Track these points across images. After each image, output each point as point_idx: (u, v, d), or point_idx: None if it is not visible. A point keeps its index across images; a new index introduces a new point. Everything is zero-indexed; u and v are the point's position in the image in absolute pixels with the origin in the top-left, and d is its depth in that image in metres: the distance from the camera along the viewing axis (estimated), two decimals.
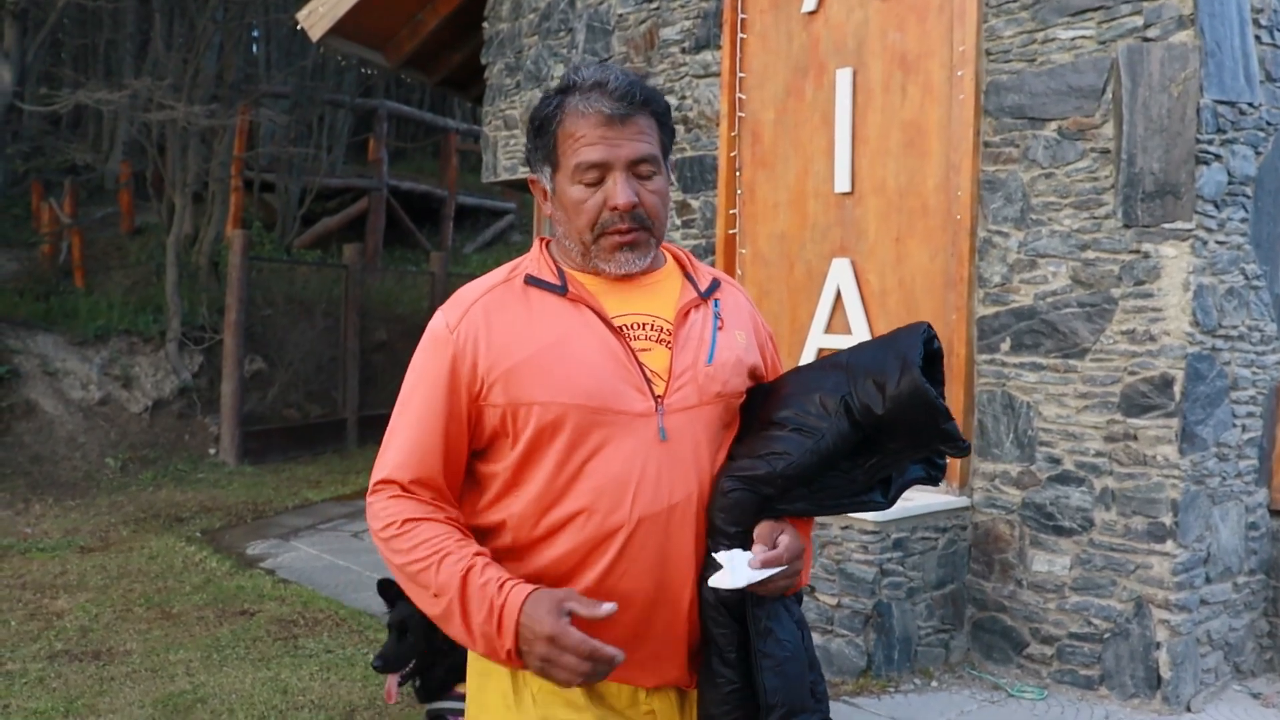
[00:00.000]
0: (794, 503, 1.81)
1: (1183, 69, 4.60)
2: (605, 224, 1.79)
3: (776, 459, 1.77)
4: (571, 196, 1.80)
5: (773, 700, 1.77)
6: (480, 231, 19.52)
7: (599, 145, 1.77)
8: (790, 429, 1.79)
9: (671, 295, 1.89)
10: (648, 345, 1.82)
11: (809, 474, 1.78)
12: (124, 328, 11.58)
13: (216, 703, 4.62)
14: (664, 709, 1.85)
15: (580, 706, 1.80)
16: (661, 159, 1.84)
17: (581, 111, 1.78)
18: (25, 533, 7.91)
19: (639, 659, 1.79)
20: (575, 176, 1.79)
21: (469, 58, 9.31)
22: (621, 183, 1.77)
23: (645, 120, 1.80)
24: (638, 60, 6.94)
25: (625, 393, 1.76)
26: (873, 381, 1.75)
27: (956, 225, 5.34)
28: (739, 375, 1.88)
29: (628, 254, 1.81)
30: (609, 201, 1.78)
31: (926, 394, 1.70)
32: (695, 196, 6.63)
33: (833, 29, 5.94)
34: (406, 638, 3.42)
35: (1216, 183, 4.66)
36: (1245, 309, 4.89)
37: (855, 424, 1.76)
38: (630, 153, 1.78)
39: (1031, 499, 5.06)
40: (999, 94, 5.20)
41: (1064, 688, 4.91)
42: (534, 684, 1.81)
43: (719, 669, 1.80)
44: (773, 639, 1.78)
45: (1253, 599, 5.09)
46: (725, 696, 1.79)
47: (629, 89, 1.78)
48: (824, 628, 4.99)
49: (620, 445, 1.75)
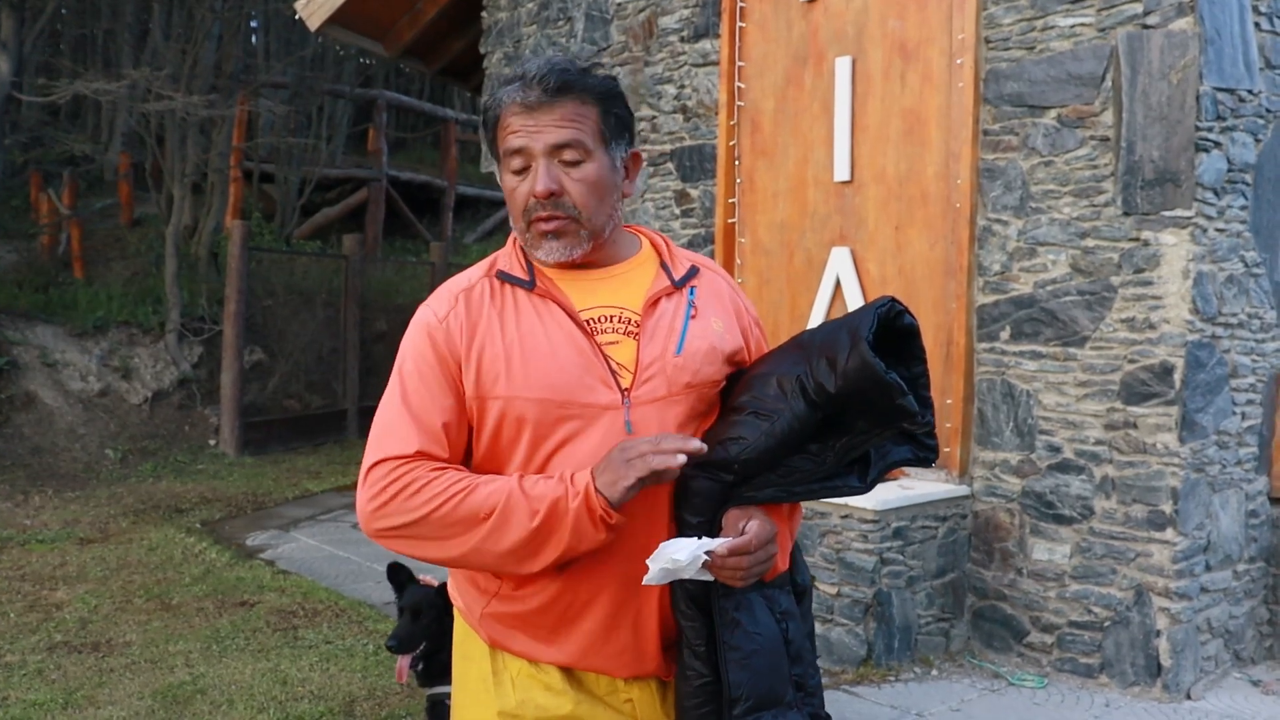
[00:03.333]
0: (761, 489, 1.76)
1: (1182, 56, 4.58)
2: (531, 211, 1.79)
3: (732, 444, 1.73)
4: (507, 186, 1.82)
5: (736, 693, 1.73)
6: (480, 221, 19.49)
7: (520, 133, 1.78)
8: (748, 413, 1.75)
9: (642, 285, 1.87)
10: (614, 338, 1.80)
11: (769, 457, 1.73)
12: (123, 319, 11.57)
13: (216, 694, 4.62)
14: (643, 698, 1.85)
15: (559, 691, 1.81)
16: (598, 145, 1.80)
17: (505, 102, 1.80)
18: (25, 524, 7.91)
19: (612, 650, 1.79)
20: (506, 165, 1.81)
21: (468, 47, 9.29)
22: (541, 170, 1.77)
23: (572, 106, 1.77)
24: (636, 49, 6.92)
25: (590, 386, 1.75)
26: (825, 359, 1.70)
27: (956, 213, 5.32)
28: (712, 364, 1.84)
29: (552, 242, 1.80)
30: (532, 189, 1.78)
31: (874, 368, 1.64)
32: (694, 186, 6.62)
33: (832, 17, 5.91)
34: (420, 619, 3.47)
35: (1216, 170, 4.65)
36: (1245, 296, 4.88)
37: (812, 404, 1.71)
38: (550, 139, 1.76)
39: (1031, 487, 5.05)
40: (998, 82, 5.18)
41: (1064, 676, 4.91)
42: (513, 667, 1.83)
43: (690, 662, 1.77)
44: (740, 631, 1.74)
45: (1253, 586, 5.09)
46: (696, 690, 1.76)
47: (545, 75, 1.76)
48: (824, 617, 4.99)
49: (586, 439, 1.74)
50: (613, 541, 1.72)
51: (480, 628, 1.87)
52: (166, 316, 11.68)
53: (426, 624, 3.47)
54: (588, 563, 1.75)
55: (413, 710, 4.44)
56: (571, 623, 1.78)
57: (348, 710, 4.47)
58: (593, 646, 1.79)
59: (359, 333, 12.66)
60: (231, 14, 14.00)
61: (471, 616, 1.89)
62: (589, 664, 1.80)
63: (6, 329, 10.62)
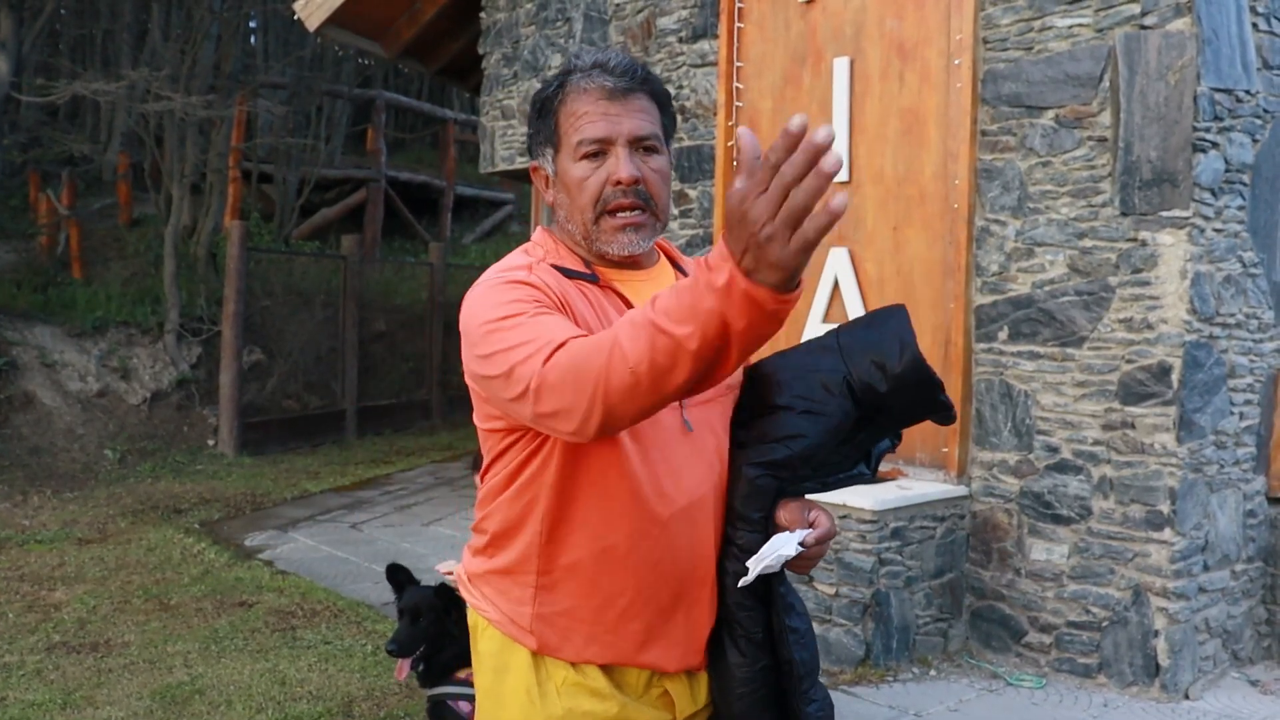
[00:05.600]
0: (801, 484, 1.84)
1: (1180, 57, 4.58)
2: (608, 200, 1.76)
3: (793, 441, 1.80)
4: (574, 175, 1.77)
5: (803, 671, 1.83)
6: (479, 222, 19.49)
7: (601, 121, 1.75)
8: (799, 411, 1.81)
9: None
10: None
11: (821, 454, 1.81)
12: (122, 319, 11.56)
13: (214, 694, 4.62)
14: (677, 689, 1.86)
15: (605, 695, 1.80)
16: (663, 141, 1.82)
17: (584, 88, 1.77)
18: (23, 524, 7.91)
19: (664, 646, 1.81)
20: (577, 153, 1.77)
21: (467, 47, 9.30)
22: (625, 157, 1.75)
23: (646, 100, 1.80)
24: (635, 49, 6.92)
25: None
26: (872, 362, 1.78)
27: (954, 214, 5.33)
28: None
29: (631, 235, 1.78)
30: (612, 176, 1.75)
31: (927, 370, 1.74)
32: (693, 186, 6.62)
33: (830, 17, 5.92)
34: (419, 622, 3.48)
35: (1214, 170, 4.65)
36: (1243, 296, 4.88)
37: (857, 402, 1.79)
38: (633, 127, 1.76)
39: (1029, 488, 5.05)
40: (996, 82, 5.19)
41: (1063, 676, 4.91)
42: (558, 676, 1.80)
43: (746, 649, 1.83)
44: (795, 614, 1.85)
45: (1251, 586, 5.09)
46: (755, 674, 1.83)
47: (630, 66, 1.78)
48: (822, 617, 4.99)
49: (651, 436, 1.74)
50: (673, 534, 1.75)
51: (529, 634, 1.80)
52: (165, 317, 11.67)
53: (426, 626, 3.47)
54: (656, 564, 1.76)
55: (411, 710, 4.44)
56: (629, 618, 1.78)
57: (346, 710, 4.48)
58: (646, 641, 1.79)
59: (357, 333, 12.66)
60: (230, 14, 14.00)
61: (516, 624, 1.82)
62: (640, 660, 1.80)
63: (5, 329, 10.62)
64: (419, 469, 10.51)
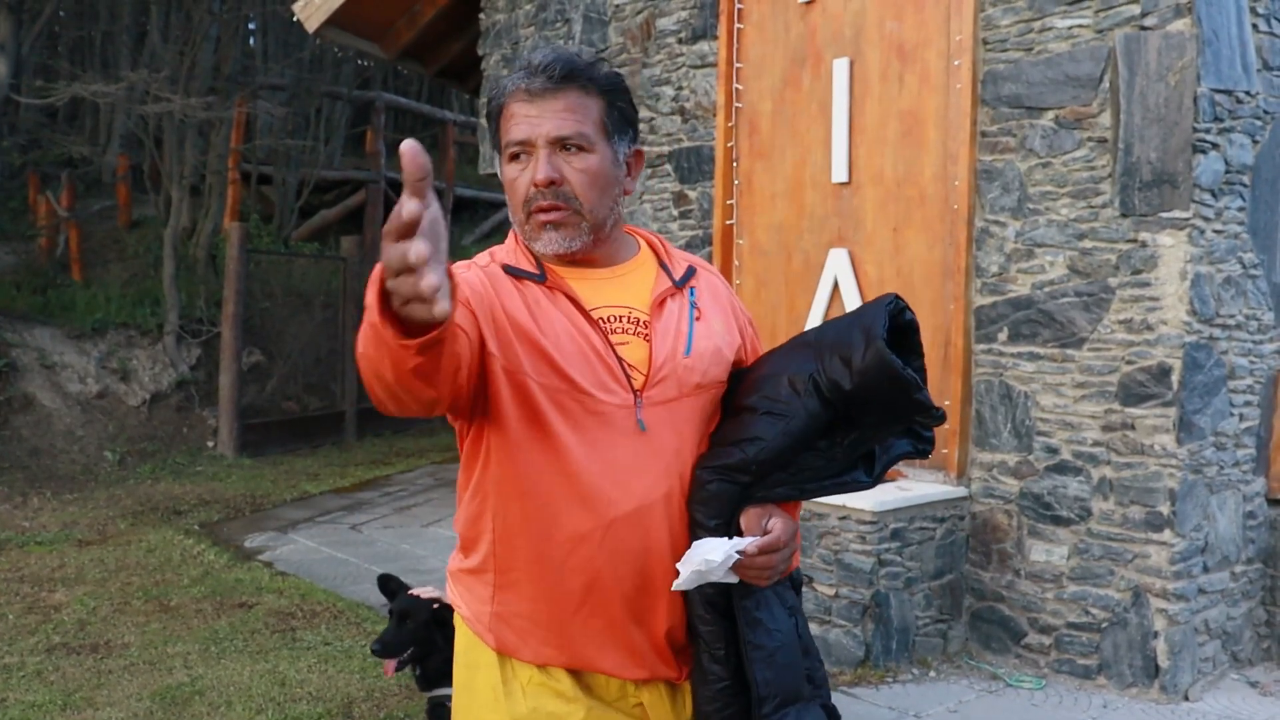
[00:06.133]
0: (774, 488, 1.77)
1: (1180, 58, 4.58)
2: (530, 201, 1.76)
3: (749, 444, 1.73)
4: (506, 176, 1.79)
5: (765, 692, 1.73)
6: (478, 223, 19.48)
7: (523, 123, 1.75)
8: (761, 413, 1.75)
9: (646, 285, 1.85)
10: (625, 338, 1.79)
11: (784, 456, 1.74)
12: (122, 321, 11.57)
13: (214, 695, 4.62)
14: (653, 701, 1.83)
15: (570, 698, 1.78)
16: (600, 137, 1.78)
17: (510, 92, 1.77)
18: (23, 526, 7.90)
19: (623, 653, 1.77)
20: (506, 155, 1.78)
21: (466, 49, 9.29)
22: (542, 159, 1.73)
23: (574, 97, 1.75)
24: (634, 50, 6.93)
25: (604, 384, 1.73)
26: (839, 357, 1.71)
27: (954, 215, 5.33)
28: (718, 365, 1.84)
29: (551, 233, 1.76)
30: (532, 178, 1.74)
31: (892, 365, 1.66)
32: (693, 187, 6.62)
33: (830, 18, 5.92)
34: (406, 624, 3.52)
35: (1214, 172, 4.65)
36: (1243, 298, 4.88)
37: (825, 401, 1.72)
38: (551, 128, 1.73)
39: (1029, 489, 5.05)
40: (996, 83, 5.19)
41: (1062, 677, 4.91)
42: (523, 675, 1.80)
43: (709, 666, 1.76)
44: (762, 629, 1.75)
45: (1250, 588, 5.09)
46: (717, 694, 1.76)
47: (550, 64, 1.74)
48: (822, 618, 4.99)
49: (598, 437, 1.73)
50: (618, 537, 1.72)
51: (490, 632, 1.83)
52: (165, 318, 11.67)
53: (412, 629, 3.52)
54: (601, 567, 1.73)
55: (411, 712, 4.44)
56: (581, 622, 1.76)
57: (346, 712, 4.47)
58: (603, 647, 1.76)
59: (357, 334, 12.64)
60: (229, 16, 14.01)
61: (479, 623, 1.85)
62: (600, 665, 1.78)
63: (5, 331, 10.62)
64: (418, 470, 10.51)
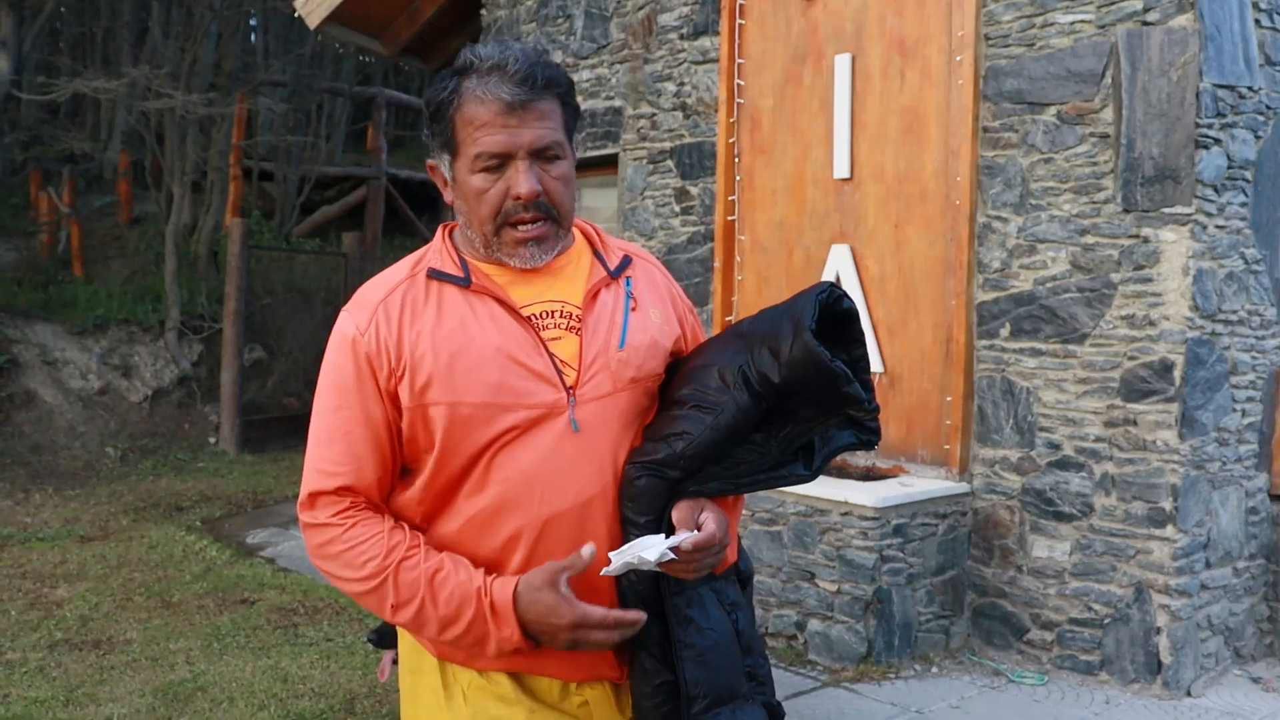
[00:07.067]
0: (706, 483, 1.73)
1: (1182, 53, 4.58)
2: (508, 213, 1.70)
3: (676, 440, 1.69)
4: (473, 186, 1.71)
5: (694, 691, 1.70)
6: None
7: (501, 133, 1.67)
8: (690, 406, 1.71)
9: (580, 277, 1.81)
10: (557, 333, 1.75)
11: (714, 451, 1.70)
12: (123, 317, 11.57)
13: (217, 691, 4.62)
14: (598, 699, 1.81)
15: (511, 701, 1.75)
16: (566, 141, 1.75)
17: (480, 97, 1.68)
18: (25, 522, 7.91)
19: (563, 656, 1.73)
20: (475, 165, 1.70)
21: None
22: (524, 171, 1.68)
23: (548, 104, 1.71)
24: (636, 46, 6.92)
25: (534, 385, 1.70)
26: (768, 348, 1.66)
27: (955, 211, 5.32)
28: (654, 358, 1.80)
29: (533, 249, 1.73)
30: (512, 191, 1.69)
31: (819, 358, 1.61)
32: (694, 183, 6.62)
33: (831, 14, 5.91)
34: None
35: (1216, 167, 4.65)
36: (1245, 293, 4.88)
37: (755, 395, 1.68)
38: (533, 139, 1.68)
39: (1031, 485, 5.05)
40: (998, 79, 5.18)
41: (1064, 673, 4.91)
42: (463, 679, 1.78)
43: (645, 662, 1.74)
44: (694, 628, 1.72)
45: (1253, 584, 5.09)
46: (655, 689, 1.73)
47: (530, 72, 1.68)
48: (824, 614, 5.00)
49: (530, 440, 1.70)
50: (553, 538, 1.70)
51: (430, 642, 1.80)
52: (166, 315, 11.68)
53: None
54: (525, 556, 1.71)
55: None
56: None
57: (348, 707, 4.48)
58: (546, 651, 1.71)
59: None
60: (230, 12, 14.00)
61: None
62: (540, 668, 1.76)
63: (6, 327, 10.62)
64: None
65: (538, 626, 1.63)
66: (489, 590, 1.65)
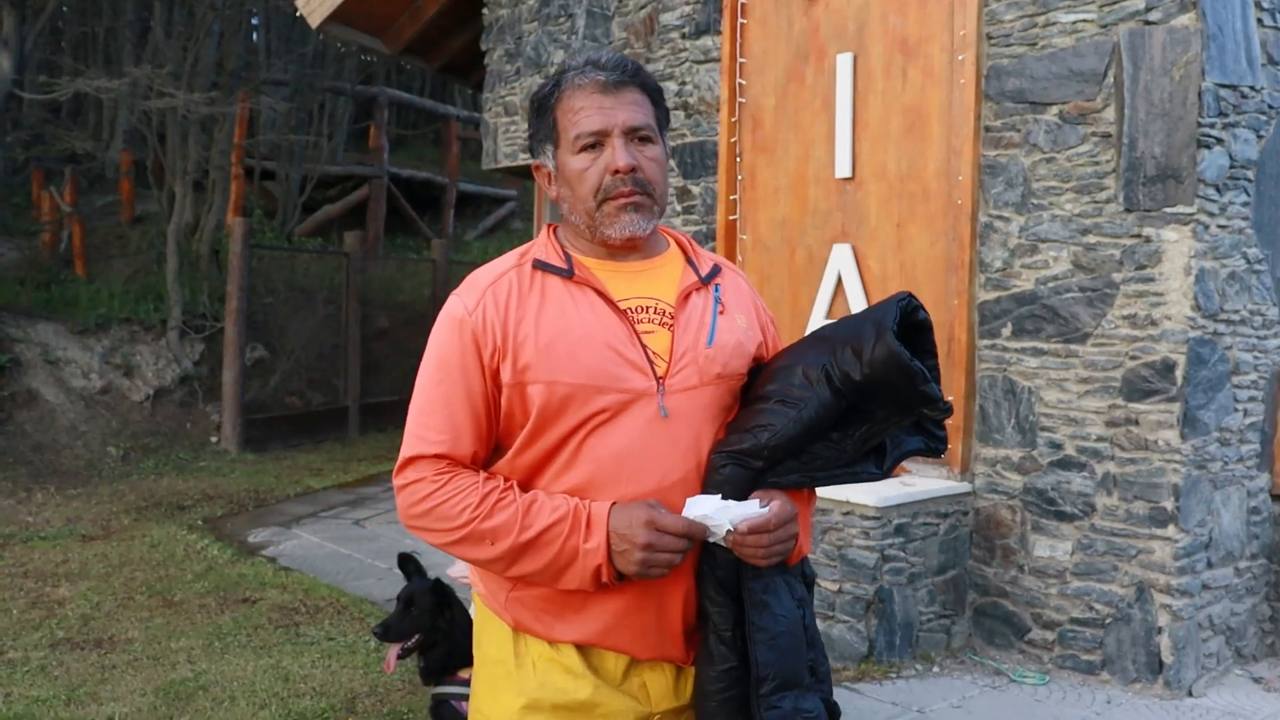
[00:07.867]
0: (786, 475, 1.83)
1: (1184, 52, 4.57)
2: (608, 189, 1.85)
3: (761, 431, 1.80)
4: (574, 167, 1.87)
5: (764, 673, 1.79)
6: (481, 218, 19.49)
7: (596, 114, 1.84)
8: (775, 401, 1.82)
9: (673, 279, 1.94)
10: (650, 328, 1.87)
11: (795, 444, 1.80)
12: (125, 316, 11.58)
13: (218, 690, 4.62)
14: (656, 682, 1.90)
15: (578, 674, 1.86)
16: (658, 132, 1.91)
17: (578, 84, 1.87)
18: (27, 521, 7.91)
19: (636, 629, 1.85)
20: (576, 146, 1.86)
21: (469, 44, 9.28)
22: (620, 147, 1.84)
23: (638, 94, 1.89)
24: (637, 46, 6.92)
25: (627, 372, 1.81)
26: (850, 349, 1.78)
27: (957, 210, 5.32)
28: (739, 358, 1.92)
29: (632, 215, 1.86)
30: (610, 165, 1.84)
31: (900, 356, 1.72)
32: (696, 182, 6.61)
33: (833, 13, 5.91)
34: (411, 611, 3.55)
35: (1218, 166, 4.64)
36: (1247, 293, 4.88)
37: (837, 392, 1.79)
38: (626, 118, 1.85)
39: (1033, 484, 5.05)
40: (1000, 78, 5.18)
41: (1066, 673, 4.91)
42: (534, 651, 1.88)
43: (715, 647, 1.82)
44: (768, 613, 1.81)
45: (1254, 583, 5.09)
46: (721, 674, 1.82)
47: (620, 62, 1.88)
48: (826, 613, 4.99)
49: (621, 423, 1.80)
50: None
51: (505, 611, 1.91)
52: (168, 314, 11.68)
53: (416, 616, 3.55)
54: None
55: (415, 707, 4.45)
56: (599, 601, 1.83)
57: (349, 706, 4.48)
58: (617, 623, 1.83)
59: (360, 330, 12.66)
60: (232, 11, 14.00)
61: (495, 601, 1.94)
62: (611, 642, 1.85)
63: (8, 326, 10.63)
64: None
65: (619, 532, 1.74)
66: (587, 505, 1.78)
